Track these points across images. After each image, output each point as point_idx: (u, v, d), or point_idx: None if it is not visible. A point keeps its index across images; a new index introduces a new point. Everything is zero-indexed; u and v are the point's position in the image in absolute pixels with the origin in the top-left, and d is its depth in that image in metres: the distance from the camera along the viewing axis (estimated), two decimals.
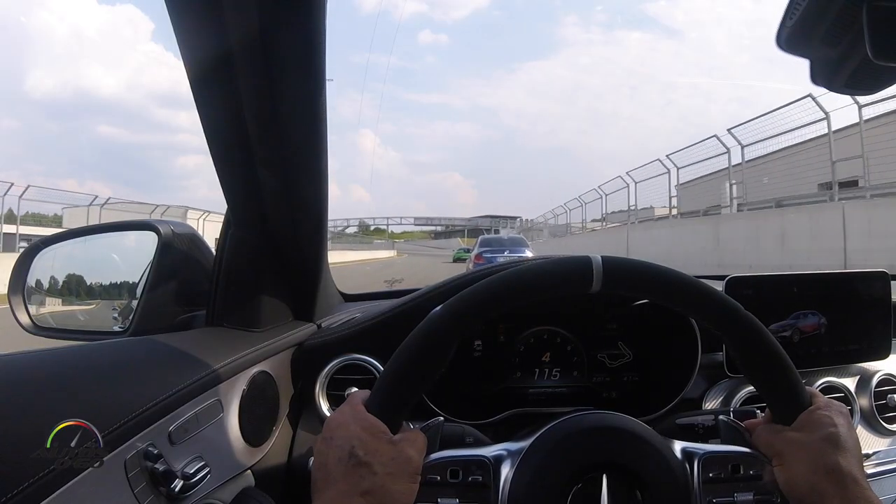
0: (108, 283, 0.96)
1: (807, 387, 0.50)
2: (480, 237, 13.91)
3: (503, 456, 0.49)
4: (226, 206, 0.72)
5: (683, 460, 0.50)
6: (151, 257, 0.82)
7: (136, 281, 0.87)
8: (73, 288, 0.96)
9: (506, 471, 0.48)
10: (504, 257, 10.52)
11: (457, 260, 31.51)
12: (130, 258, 0.91)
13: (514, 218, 60.71)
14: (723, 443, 0.53)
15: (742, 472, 0.48)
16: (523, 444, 0.50)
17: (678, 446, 0.51)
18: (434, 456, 0.48)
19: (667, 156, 13.75)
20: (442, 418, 0.51)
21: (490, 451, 0.50)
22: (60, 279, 0.95)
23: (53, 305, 0.93)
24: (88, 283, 0.96)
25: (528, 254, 10.87)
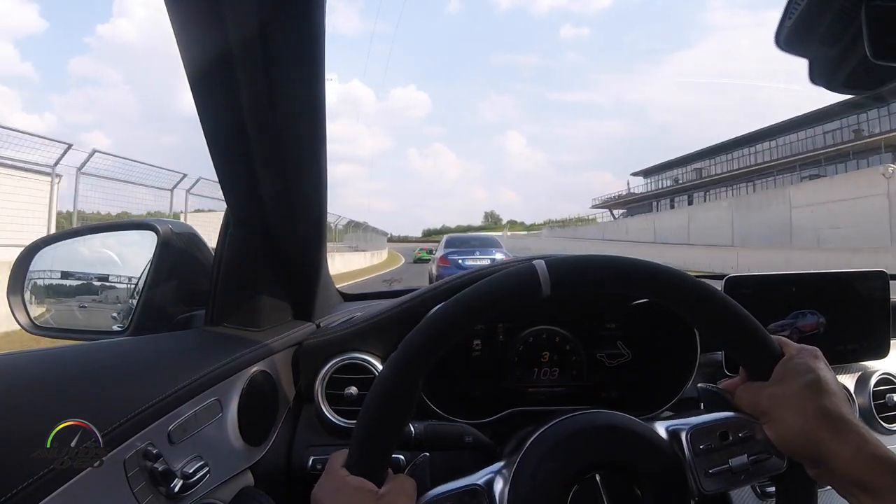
0: (107, 282, 0.96)
1: (774, 335, 0.49)
2: (446, 237, 11.97)
3: (493, 478, 0.49)
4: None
5: (670, 439, 0.49)
6: (151, 257, 0.82)
7: (136, 280, 0.87)
8: (73, 287, 0.96)
9: (499, 489, 0.48)
10: (475, 259, 9.67)
11: (417, 261, 28.00)
12: (130, 258, 0.91)
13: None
14: (706, 412, 0.52)
15: (731, 437, 0.48)
16: (512, 459, 0.50)
17: (662, 426, 0.51)
18: (427, 496, 0.47)
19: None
20: (427, 454, 0.51)
21: (481, 476, 0.49)
22: (60, 279, 0.95)
23: (53, 305, 0.93)
24: (88, 283, 0.96)
25: (500, 256, 9.72)
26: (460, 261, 9.72)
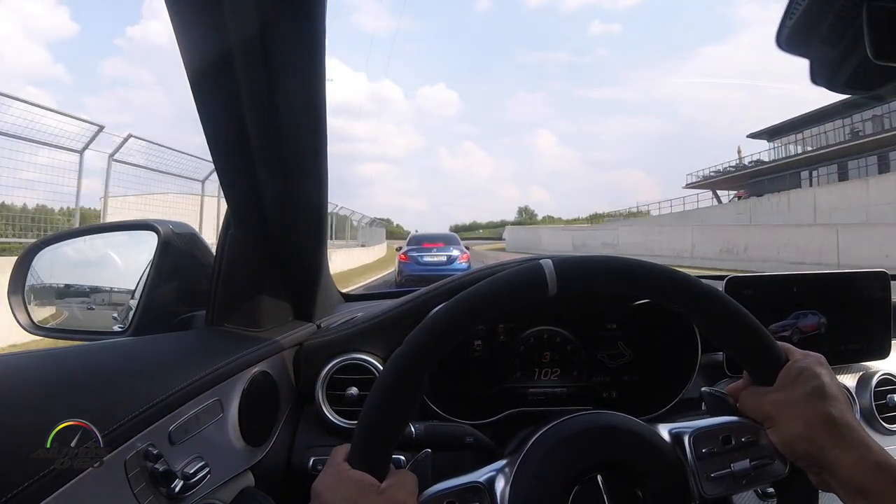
0: (107, 282, 0.96)
1: (779, 342, 0.49)
2: (410, 235, 12.50)
3: (495, 476, 0.49)
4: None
5: (673, 442, 0.49)
6: (151, 257, 0.82)
7: (136, 281, 0.87)
8: (73, 288, 0.96)
9: (500, 488, 0.48)
10: (432, 256, 10.17)
11: None
12: (130, 258, 0.91)
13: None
14: (710, 416, 0.52)
15: (734, 441, 0.48)
16: (514, 458, 0.50)
17: (665, 429, 0.51)
18: (428, 492, 0.47)
19: None
20: (429, 450, 0.50)
21: (482, 473, 0.49)
22: (60, 279, 0.95)
23: (53, 305, 0.94)
24: (88, 283, 0.96)
25: (456, 252, 10.33)
26: (419, 257, 10.21)
